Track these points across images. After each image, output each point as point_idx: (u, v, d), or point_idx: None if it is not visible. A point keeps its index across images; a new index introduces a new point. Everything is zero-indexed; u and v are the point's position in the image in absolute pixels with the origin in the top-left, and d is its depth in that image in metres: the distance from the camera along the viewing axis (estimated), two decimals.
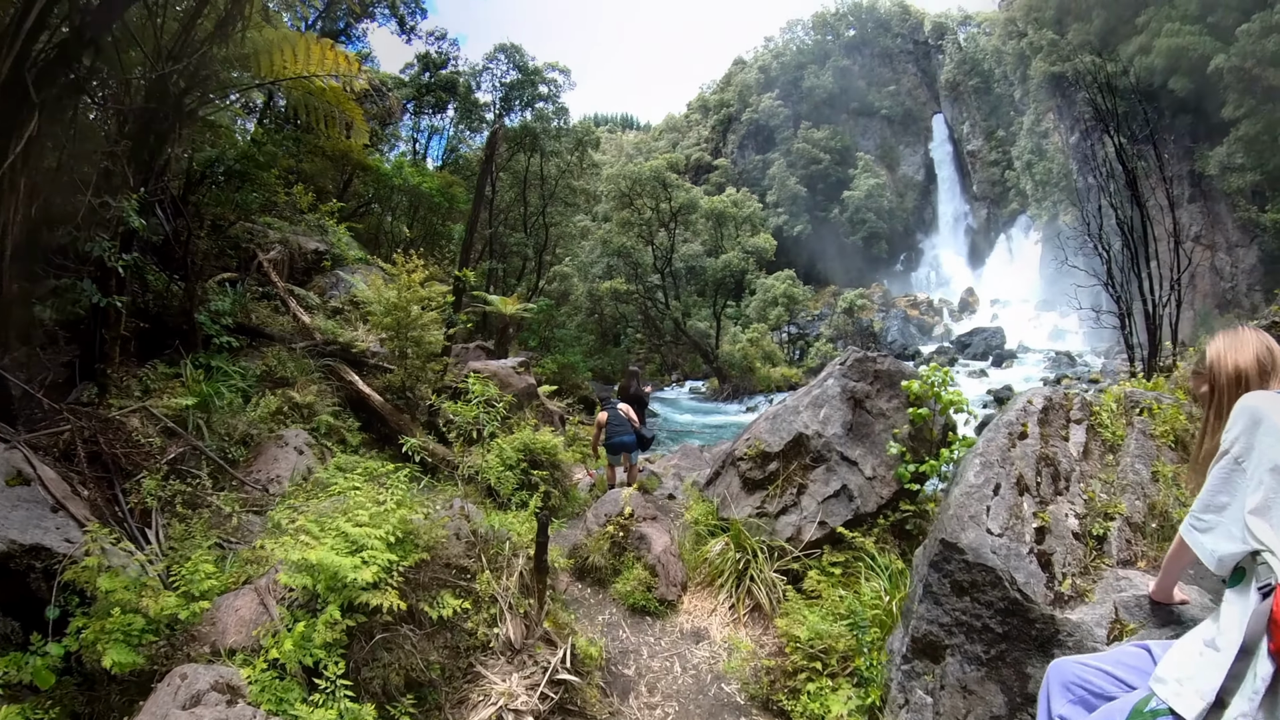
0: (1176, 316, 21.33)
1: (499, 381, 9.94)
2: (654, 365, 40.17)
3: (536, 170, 27.89)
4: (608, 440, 9.11)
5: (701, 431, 23.87)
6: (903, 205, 66.37)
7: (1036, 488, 3.76)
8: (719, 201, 33.95)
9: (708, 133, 74.16)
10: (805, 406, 7.06)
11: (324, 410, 11.07)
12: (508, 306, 14.79)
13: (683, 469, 11.69)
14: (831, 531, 6.67)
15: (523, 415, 9.88)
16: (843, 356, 7.94)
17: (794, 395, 8.04)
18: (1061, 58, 50.07)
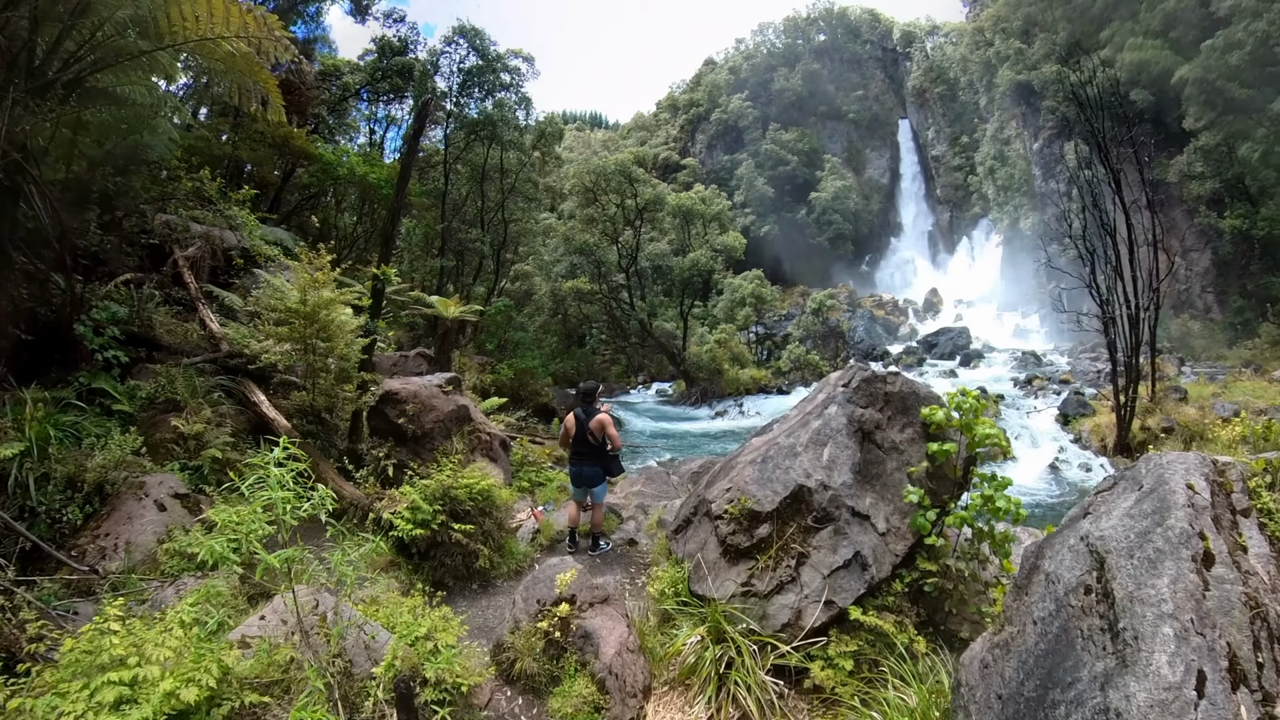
0: (1155, 319, 20.15)
1: (419, 404, 8.03)
2: (620, 367, 38.36)
3: (496, 163, 25.83)
4: (570, 468, 7.47)
5: (669, 440, 22.13)
6: (868, 207, 66.18)
7: (1258, 674, 2.08)
8: (687, 198, 32.20)
9: (676, 132, 72.75)
10: (805, 446, 5.36)
11: (216, 441, 9.07)
12: (450, 309, 12.88)
13: (646, 496, 9.92)
14: (840, 612, 4.97)
15: (449, 446, 7.98)
16: (845, 375, 6.23)
17: (785, 424, 6.32)
18: (1027, 67, 50.84)
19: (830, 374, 6.81)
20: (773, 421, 6.62)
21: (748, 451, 5.90)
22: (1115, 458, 18.53)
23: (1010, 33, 53.49)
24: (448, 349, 13.24)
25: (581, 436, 7.18)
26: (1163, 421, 19.25)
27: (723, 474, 5.96)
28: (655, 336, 31.83)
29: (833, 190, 62.40)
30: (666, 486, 10.49)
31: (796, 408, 6.66)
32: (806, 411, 5.90)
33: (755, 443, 6.10)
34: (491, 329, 23.60)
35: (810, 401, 6.24)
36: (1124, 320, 18.93)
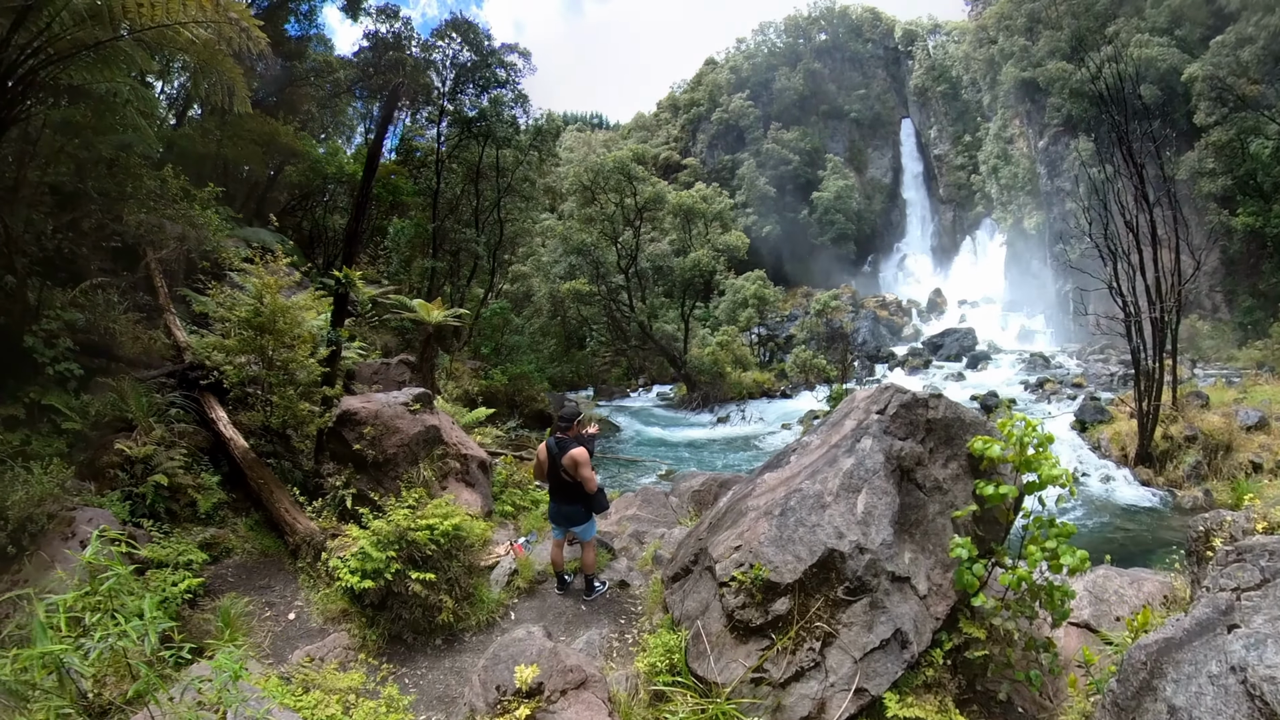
0: (1176, 321, 18.91)
1: (380, 426, 6.99)
2: (620, 369, 37.30)
3: (492, 161, 24.75)
4: (549, 506, 6.45)
5: (668, 449, 21.05)
6: (870, 207, 65.09)
7: None
8: (687, 196, 31.02)
9: (677, 132, 71.69)
10: (835, 494, 4.34)
11: (167, 464, 8.07)
12: (431, 313, 11.81)
13: (642, 522, 8.86)
14: (873, 700, 3.92)
15: (415, 474, 6.94)
16: (879, 398, 5.19)
17: (806, 458, 5.26)
18: (1032, 64, 49.59)
19: (857, 392, 5.81)
20: (790, 451, 5.55)
21: (760, 493, 4.85)
22: (1137, 468, 17.39)
23: (1014, 30, 52.26)
24: (430, 356, 12.18)
25: (555, 472, 6.12)
26: (1185, 430, 18.05)
27: (730, 521, 4.91)
28: (655, 339, 30.73)
29: (835, 190, 61.30)
30: (664, 510, 9.40)
31: (818, 434, 5.57)
32: (833, 444, 4.87)
33: (769, 481, 5.03)
34: (487, 332, 22.52)
35: (836, 429, 5.22)
36: (1147, 323, 17.67)
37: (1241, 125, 36.27)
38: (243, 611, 6.93)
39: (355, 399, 7.39)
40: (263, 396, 8.65)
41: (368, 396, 7.60)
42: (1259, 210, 36.80)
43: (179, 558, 7.20)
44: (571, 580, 6.53)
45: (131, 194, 11.39)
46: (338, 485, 7.18)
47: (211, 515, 8.00)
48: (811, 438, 5.45)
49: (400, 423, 7.13)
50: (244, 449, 8.26)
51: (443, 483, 7.46)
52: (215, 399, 8.97)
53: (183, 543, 7.46)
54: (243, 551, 7.78)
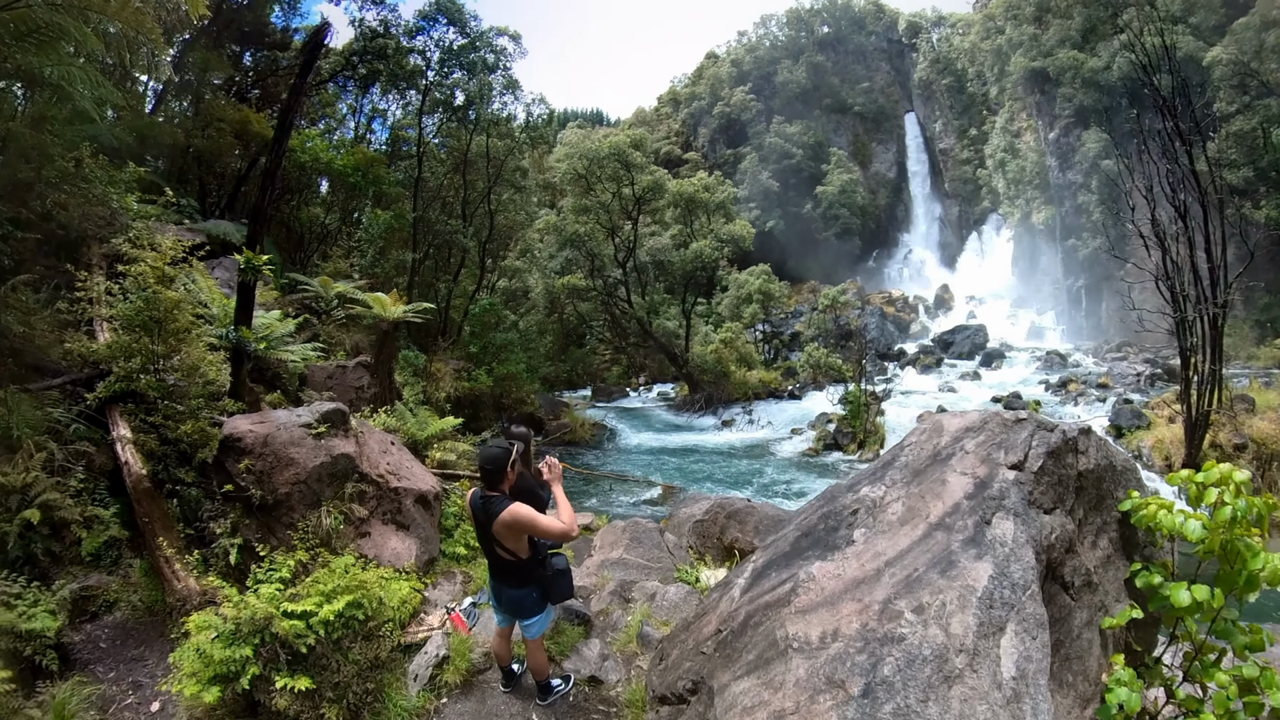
0: (1224, 319, 16.81)
1: (270, 458, 5.11)
2: (620, 368, 35.39)
3: (481, 150, 22.78)
4: (489, 581, 4.38)
5: (669, 457, 19.11)
6: (875, 202, 62.87)
7: None
8: (688, 185, 28.90)
9: (678, 126, 69.46)
10: (968, 648, 2.50)
11: (48, 495, 6.29)
12: (389, 308, 9.92)
13: (630, 569, 6.98)
14: None
15: (315, 520, 5.04)
16: (1007, 437, 3.37)
17: (883, 540, 3.33)
18: (1042, 53, 47.36)
19: (943, 419, 3.94)
20: (846, 513, 3.63)
21: (809, 608, 3.06)
22: None
23: (1023, 19, 50.09)
24: (388, 356, 10.29)
25: (487, 544, 4.08)
26: (1233, 437, 16.29)
27: (753, 653, 3.13)
28: (655, 336, 28.71)
29: (839, 184, 59.17)
30: (658, 551, 7.40)
31: (889, 484, 3.66)
32: (934, 520, 3.07)
33: (823, 581, 3.16)
34: (476, 329, 20.60)
35: (929, 486, 3.36)
36: (1203, 321, 15.52)
37: (1265, 113, 34.30)
38: (92, 700, 5.13)
39: (244, 420, 5.52)
40: (164, 409, 6.80)
41: (263, 415, 5.71)
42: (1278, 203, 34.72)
43: (21, 624, 5.39)
44: (521, 672, 4.63)
45: (43, 177, 9.53)
46: (220, 532, 5.28)
47: (100, 556, 6.24)
48: (878, 490, 3.59)
49: (296, 452, 5.27)
50: (138, 476, 6.42)
51: (362, 527, 5.59)
52: (121, 412, 7.13)
53: (40, 601, 5.66)
54: (128, 606, 5.98)
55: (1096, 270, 43.52)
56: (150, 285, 6.23)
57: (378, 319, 10.45)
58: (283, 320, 9.85)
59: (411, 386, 13.66)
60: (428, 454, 8.87)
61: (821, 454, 19.45)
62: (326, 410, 5.77)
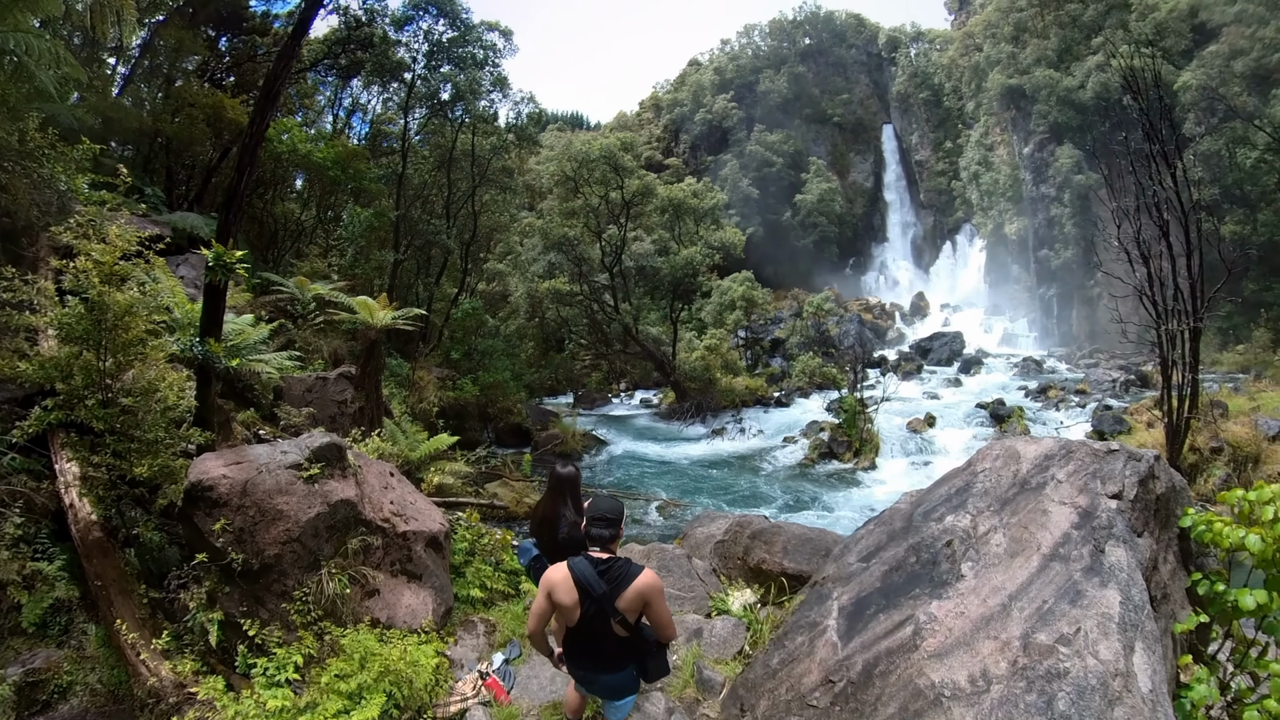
0: (1195, 340, 17.12)
1: (252, 511, 4.12)
2: (600, 373, 34.41)
3: (466, 147, 21.68)
4: (570, 666, 3.50)
5: (666, 469, 18.25)
6: (852, 211, 63.21)
7: None
8: (678, 190, 28.13)
9: (660, 132, 68.86)
10: (1120, 670, 2.74)
11: None
12: (376, 313, 8.89)
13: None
14: None
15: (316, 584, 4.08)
16: (1100, 468, 3.64)
17: (997, 574, 3.38)
18: (1019, 71, 48.55)
19: (1021, 448, 3.99)
20: (937, 543, 3.70)
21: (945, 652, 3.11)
22: None
23: (1001, 37, 51.30)
24: (375, 367, 9.23)
25: (594, 627, 3.24)
26: (1210, 441, 16.73)
27: (898, 710, 3.04)
28: (642, 342, 27.80)
29: (818, 193, 59.27)
30: (688, 579, 6.66)
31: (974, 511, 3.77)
32: (1047, 551, 3.28)
33: (946, 620, 3.25)
34: (458, 335, 19.39)
35: (1027, 515, 3.54)
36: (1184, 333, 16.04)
37: (1231, 135, 35.40)
38: None
39: (215, 461, 4.48)
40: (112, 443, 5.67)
41: (238, 453, 4.66)
42: (1244, 219, 35.53)
43: None
44: None
45: None
46: (195, 606, 4.26)
47: (46, 624, 4.96)
48: (963, 520, 3.67)
49: (285, 502, 4.27)
50: (87, 523, 5.28)
51: (369, 583, 4.59)
52: (64, 444, 5.93)
53: None
54: (85, 690, 4.64)
55: (1068, 280, 44.77)
56: (94, 285, 5.15)
57: (363, 326, 9.39)
58: (255, 326, 8.77)
59: (396, 398, 12.58)
60: (423, 478, 7.86)
61: (819, 463, 18.91)
62: (319, 446, 4.73)
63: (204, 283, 5.43)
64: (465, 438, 13.22)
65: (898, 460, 19.07)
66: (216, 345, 5.39)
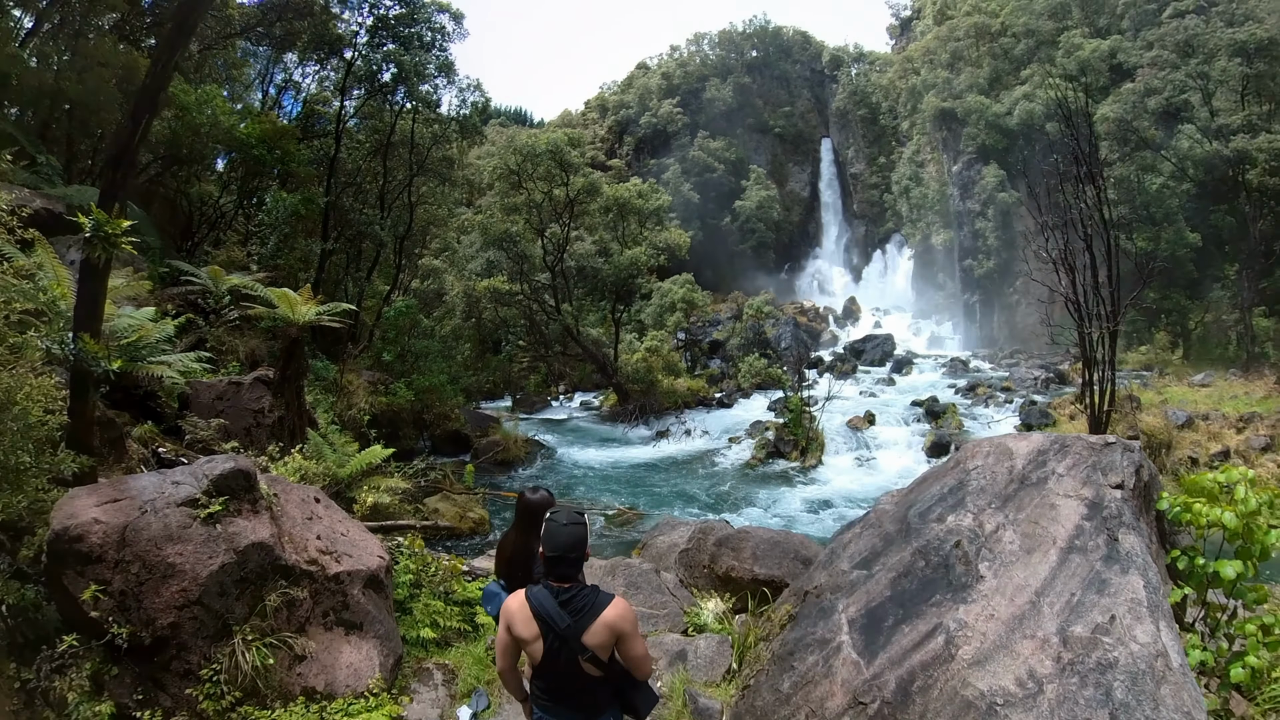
0: (1114, 341, 18.81)
1: (138, 565, 3.25)
2: (539, 376, 33.33)
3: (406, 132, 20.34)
4: (539, 709, 2.87)
5: (615, 473, 17.62)
6: (789, 218, 64.99)
7: None
8: (623, 189, 27.52)
9: (604, 132, 68.47)
10: (1159, 650, 2.83)
11: None
12: (297, 308, 7.87)
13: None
14: None
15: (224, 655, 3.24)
16: (1100, 460, 3.74)
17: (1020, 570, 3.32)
18: (952, 95, 51.34)
19: (1011, 444, 4.08)
20: (950, 539, 3.65)
21: (985, 658, 3.02)
22: None
23: (938, 63, 54.24)
24: (296, 370, 8.13)
25: (560, 663, 2.73)
26: (1128, 430, 18.47)
27: None
28: (584, 344, 27.04)
29: (757, 200, 60.61)
30: (660, 595, 6.24)
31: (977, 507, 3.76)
32: (1063, 544, 3.35)
33: (977, 624, 3.17)
34: (391, 335, 18.02)
35: (1036, 510, 3.58)
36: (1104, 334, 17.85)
37: (1141, 163, 37.94)
38: None
39: (85, 499, 3.55)
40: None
41: (117, 486, 3.73)
42: (1151, 236, 38.36)
43: None
44: None
45: None
46: (75, 697, 3.33)
47: None
48: (965, 519, 3.65)
49: (179, 553, 3.43)
50: None
51: (300, 643, 3.75)
52: None
53: None
54: None
55: (989, 287, 47.76)
56: None
57: (283, 322, 8.34)
58: (158, 321, 7.60)
59: (322, 404, 11.41)
60: (355, 498, 6.93)
61: (766, 463, 18.89)
62: (221, 474, 3.83)
63: (80, 261, 4.42)
64: (400, 447, 12.19)
65: (843, 457, 19.35)
66: (94, 343, 4.38)
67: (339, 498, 7.15)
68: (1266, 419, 18.51)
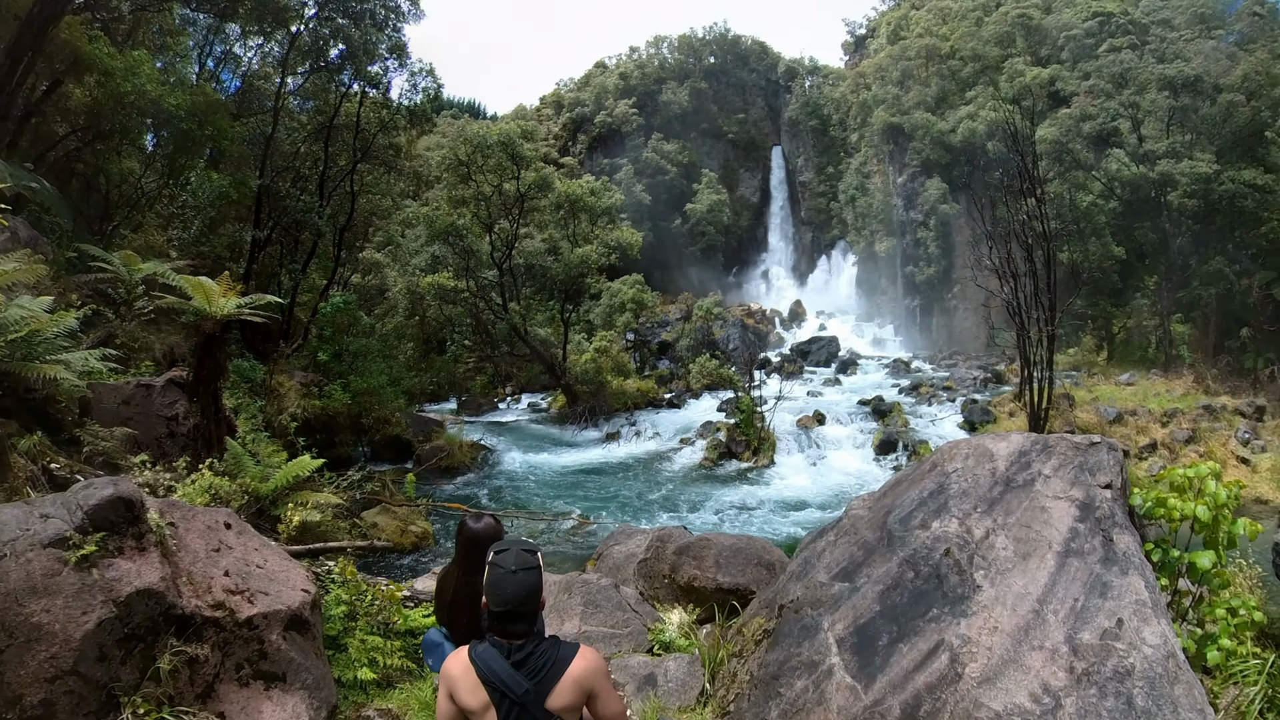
0: (1051, 344, 20.06)
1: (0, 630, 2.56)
2: (485, 377, 32.33)
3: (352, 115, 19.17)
4: None
5: (565, 479, 17.03)
6: (739, 223, 65.88)
7: None
8: (576, 186, 26.87)
9: (558, 129, 67.77)
10: (1169, 650, 2.87)
11: None
12: (214, 299, 7.06)
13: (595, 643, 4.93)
14: None
15: None
16: (1086, 460, 3.78)
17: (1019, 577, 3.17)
18: (901, 111, 53.59)
19: (990, 445, 4.03)
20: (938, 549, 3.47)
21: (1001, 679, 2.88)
22: None
23: (888, 80, 56.64)
24: (211, 372, 7.23)
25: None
26: (1065, 426, 19.35)
27: None
28: (530, 344, 26.25)
29: (708, 204, 61.15)
30: (622, 613, 5.80)
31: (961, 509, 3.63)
32: (1059, 549, 3.24)
33: (981, 639, 3.03)
34: (328, 333, 16.79)
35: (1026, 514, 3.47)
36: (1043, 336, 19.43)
37: (1073, 181, 40.43)
38: None
39: None
40: None
41: None
42: (1080, 249, 40.50)
43: None
44: None
45: None
46: None
47: None
48: (950, 525, 3.49)
49: (45, 610, 2.77)
50: None
51: (208, 705, 3.12)
52: None
53: None
54: None
55: (930, 293, 50.16)
56: None
57: (198, 316, 7.48)
58: (56, 313, 6.68)
59: (247, 409, 10.42)
60: (280, 516, 6.19)
61: (719, 464, 18.78)
62: (97, 503, 3.10)
63: None
64: (336, 455, 11.30)
65: (794, 457, 19.44)
66: None
67: (262, 517, 6.41)
68: (1188, 414, 20.06)
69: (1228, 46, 43.25)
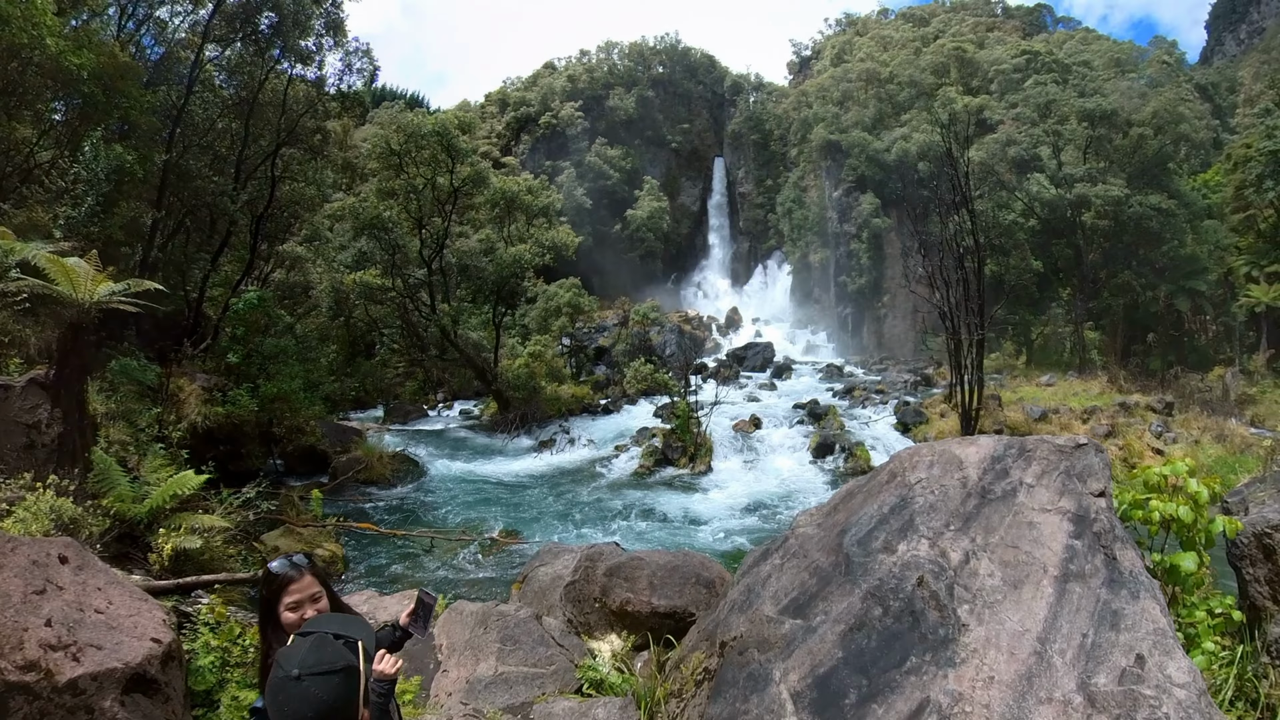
0: (981, 348, 21.00)
1: None
2: (415, 383, 30.82)
3: (277, 92, 17.75)
4: None
5: (494, 492, 16.17)
6: (678, 230, 66.68)
7: None
8: (513, 183, 26.04)
9: (501, 128, 66.72)
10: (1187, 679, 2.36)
11: None
12: (82, 284, 6.10)
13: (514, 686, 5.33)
14: None
15: None
16: (1079, 469, 3.24)
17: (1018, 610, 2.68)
18: (839, 129, 56.30)
19: (959, 451, 3.60)
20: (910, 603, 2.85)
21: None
22: None
23: (829, 100, 59.45)
24: (75, 370, 6.16)
25: None
26: (994, 425, 20.13)
27: None
28: (461, 348, 25.10)
29: (649, 210, 61.40)
30: (543, 648, 5.21)
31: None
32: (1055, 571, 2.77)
33: (990, 702, 2.41)
34: (240, 333, 15.22)
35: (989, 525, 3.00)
36: (973, 341, 20.54)
37: (997, 200, 43.32)
38: None
39: None
40: None
41: None
42: (1002, 263, 42.87)
43: None
44: None
45: None
46: None
47: None
48: (920, 547, 3.00)
49: None
50: None
51: None
52: None
53: None
54: None
55: (861, 301, 52.76)
56: None
57: (64, 302, 6.48)
58: None
59: (137, 416, 9.24)
60: (154, 543, 5.33)
61: (655, 471, 18.44)
62: None
63: None
64: (244, 468, 10.17)
65: (731, 461, 19.33)
66: None
67: (135, 545, 5.51)
68: (1105, 411, 21.47)
69: (1140, 87, 47.98)
